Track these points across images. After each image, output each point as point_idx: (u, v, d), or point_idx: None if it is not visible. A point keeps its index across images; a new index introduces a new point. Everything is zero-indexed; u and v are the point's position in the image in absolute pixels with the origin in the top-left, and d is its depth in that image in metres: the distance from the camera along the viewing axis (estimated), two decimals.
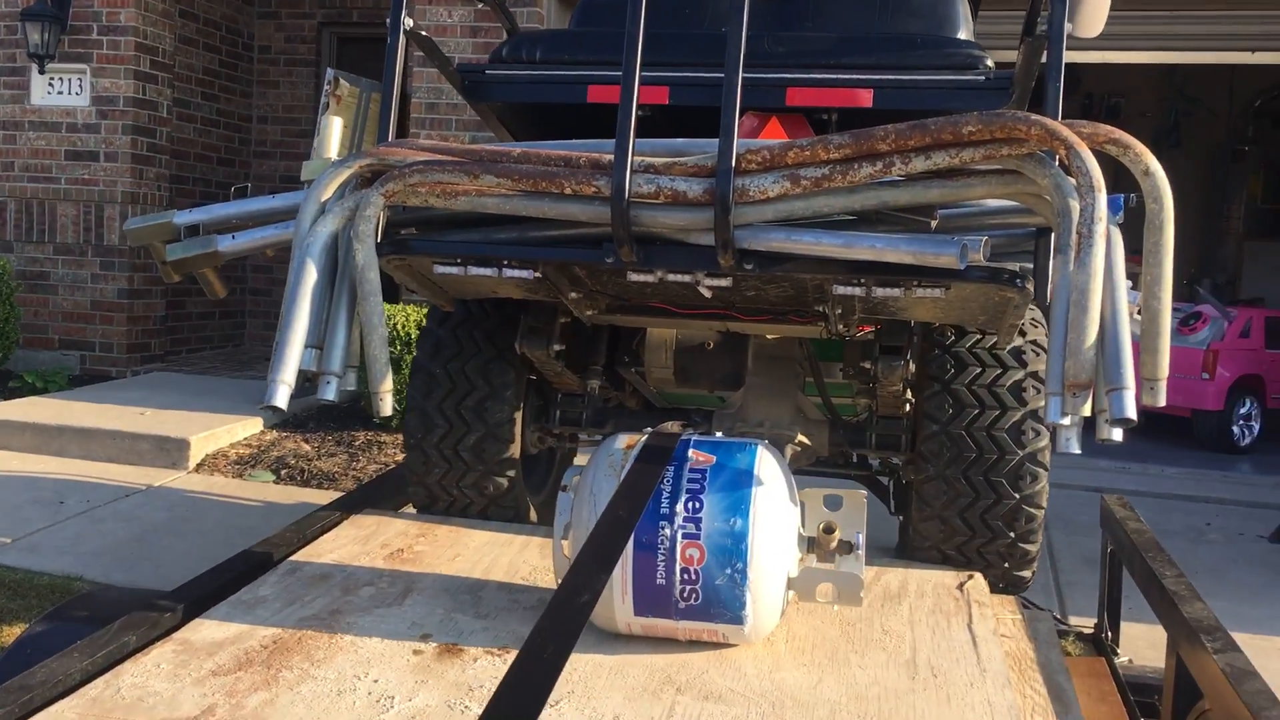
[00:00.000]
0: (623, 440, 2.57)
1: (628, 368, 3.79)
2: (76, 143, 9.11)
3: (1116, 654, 3.87)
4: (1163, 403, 2.25)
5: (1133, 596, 3.46)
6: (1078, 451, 2.16)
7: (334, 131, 2.85)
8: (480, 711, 1.67)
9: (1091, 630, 4.10)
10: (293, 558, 3.06)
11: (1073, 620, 4.60)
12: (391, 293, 7.38)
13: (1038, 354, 3.21)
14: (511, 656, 2.08)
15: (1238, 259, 13.83)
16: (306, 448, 7.12)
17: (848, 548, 2.53)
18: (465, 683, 2.33)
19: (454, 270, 2.68)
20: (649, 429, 2.61)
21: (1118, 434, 2.12)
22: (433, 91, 8.35)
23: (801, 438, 3.43)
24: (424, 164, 2.49)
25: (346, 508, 3.55)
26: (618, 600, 2.44)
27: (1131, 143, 2.21)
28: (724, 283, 2.62)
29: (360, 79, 8.47)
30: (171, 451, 6.85)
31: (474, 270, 2.66)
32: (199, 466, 6.83)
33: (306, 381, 2.56)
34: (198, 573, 2.96)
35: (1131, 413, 2.06)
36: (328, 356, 2.52)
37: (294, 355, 2.43)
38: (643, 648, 2.50)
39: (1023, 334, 3.24)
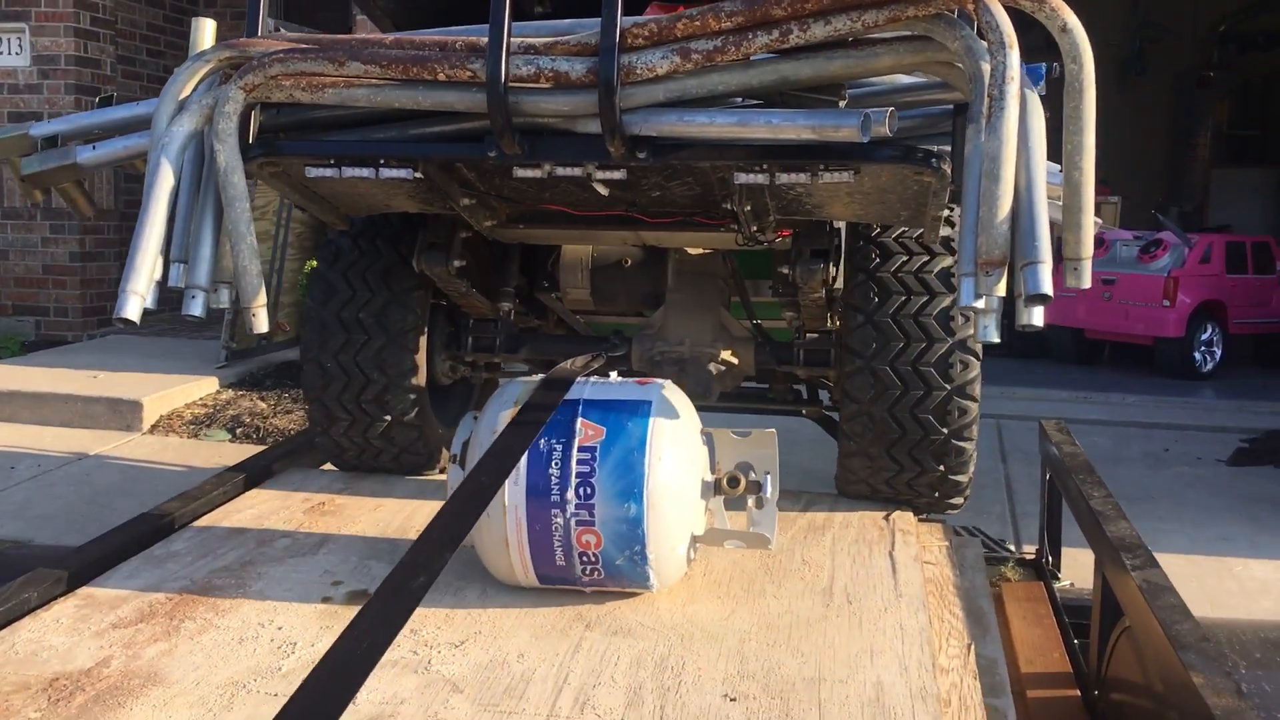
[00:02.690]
0: (513, 396, 2.48)
1: (547, 293, 3.64)
2: (19, 104, 8.90)
3: (1057, 578, 3.87)
4: (1087, 284, 2.13)
5: None
6: (996, 339, 2.02)
7: (205, 32, 2.62)
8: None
9: (1033, 555, 4.11)
10: (210, 514, 3.01)
11: (1027, 549, 4.60)
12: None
13: None
14: None
15: (1204, 186, 13.77)
16: (262, 405, 7.06)
17: (756, 487, 2.48)
18: None
19: (328, 172, 2.47)
20: (541, 375, 2.52)
21: (1038, 317, 1.97)
22: None
23: (726, 355, 3.32)
24: (285, 53, 2.29)
25: (258, 469, 3.43)
26: (520, 575, 2.41)
27: None
28: (617, 175, 2.41)
29: (303, 30, 8.30)
30: (125, 414, 6.78)
31: (349, 171, 2.46)
32: (154, 428, 6.76)
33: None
34: None
35: (1047, 288, 1.92)
36: (193, 270, 2.34)
37: (146, 265, 2.26)
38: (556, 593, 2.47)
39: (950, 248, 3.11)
